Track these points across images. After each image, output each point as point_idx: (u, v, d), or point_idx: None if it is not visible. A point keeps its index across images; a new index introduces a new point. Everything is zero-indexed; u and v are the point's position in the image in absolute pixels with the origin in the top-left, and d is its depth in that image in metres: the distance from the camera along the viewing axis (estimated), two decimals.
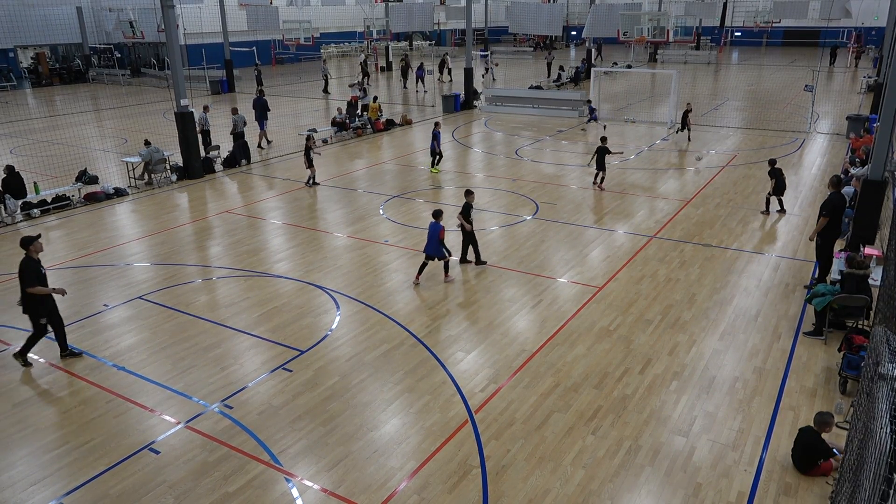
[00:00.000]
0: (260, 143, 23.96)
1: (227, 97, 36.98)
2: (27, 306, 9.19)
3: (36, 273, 9.10)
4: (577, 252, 13.37)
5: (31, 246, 9.19)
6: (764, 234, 14.19)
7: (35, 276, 9.05)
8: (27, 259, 9.13)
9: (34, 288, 9.00)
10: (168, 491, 6.99)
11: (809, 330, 9.97)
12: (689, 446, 7.52)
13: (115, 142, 25.23)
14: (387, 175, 19.74)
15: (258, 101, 23.82)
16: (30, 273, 9.02)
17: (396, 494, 6.89)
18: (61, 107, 34.78)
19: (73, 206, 17.13)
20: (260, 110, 23.74)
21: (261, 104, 23.76)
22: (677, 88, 26.36)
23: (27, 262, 9.09)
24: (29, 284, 9.00)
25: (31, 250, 9.19)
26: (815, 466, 7.01)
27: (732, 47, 65.01)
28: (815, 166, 19.73)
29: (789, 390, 8.58)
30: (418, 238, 14.28)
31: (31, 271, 9.05)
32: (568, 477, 7.09)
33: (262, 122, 23.90)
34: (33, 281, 9.02)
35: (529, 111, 30.18)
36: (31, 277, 9.01)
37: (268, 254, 13.64)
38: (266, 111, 23.86)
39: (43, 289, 9.10)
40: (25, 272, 9.01)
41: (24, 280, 9.00)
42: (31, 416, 8.32)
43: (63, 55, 48.02)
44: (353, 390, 8.75)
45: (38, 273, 9.15)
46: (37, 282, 9.06)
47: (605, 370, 9.10)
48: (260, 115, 23.76)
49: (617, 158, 20.49)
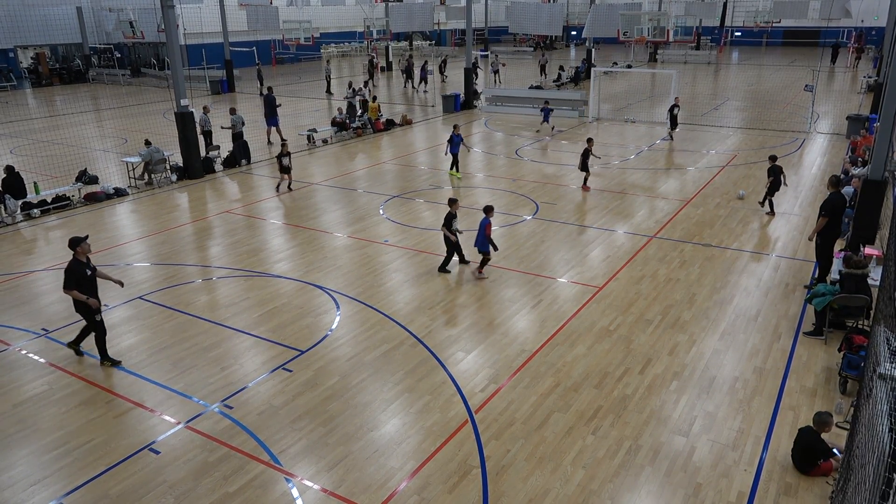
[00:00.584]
0: (269, 139, 24.41)
1: (227, 97, 36.98)
2: (76, 307, 9.19)
3: (78, 276, 8.96)
4: (578, 252, 13.37)
5: (78, 247, 9.07)
6: (764, 234, 14.19)
7: (74, 280, 8.91)
8: (73, 261, 9.01)
9: (71, 291, 8.95)
10: (168, 491, 6.99)
11: (809, 330, 9.98)
12: (689, 446, 7.52)
13: (115, 142, 25.23)
14: (387, 175, 19.74)
15: (266, 97, 24.13)
16: (70, 276, 8.92)
17: (396, 494, 6.89)
18: (61, 107, 34.79)
19: (74, 207, 17.14)
20: (268, 107, 24.01)
21: (269, 101, 24.01)
22: (677, 88, 26.36)
23: (72, 264, 8.98)
24: (67, 287, 8.94)
25: (78, 252, 9.07)
26: (815, 466, 7.01)
27: (732, 47, 65.01)
28: (815, 166, 19.73)
29: (789, 390, 8.58)
30: (418, 238, 14.28)
31: (73, 274, 8.93)
32: (568, 477, 7.09)
33: (271, 119, 24.15)
34: (71, 284, 8.91)
35: (529, 111, 30.18)
36: (70, 280, 8.91)
37: (268, 254, 13.64)
38: (274, 107, 24.12)
39: (79, 295, 8.97)
40: (67, 274, 8.95)
41: (65, 282, 8.96)
42: (32, 416, 8.32)
43: (63, 55, 48.04)
44: (354, 390, 8.75)
45: (81, 276, 9.00)
46: (75, 286, 8.90)
47: (606, 370, 9.10)
48: (269, 113, 24.03)
49: (617, 158, 20.51)
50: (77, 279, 8.96)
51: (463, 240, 12.50)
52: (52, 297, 11.73)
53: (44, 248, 14.35)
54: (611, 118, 28.66)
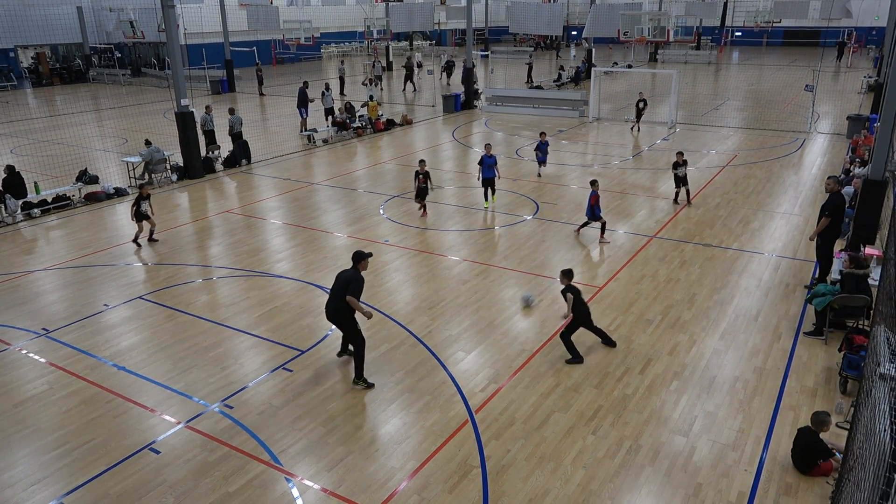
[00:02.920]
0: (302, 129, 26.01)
1: (227, 97, 36.99)
2: (344, 321, 8.77)
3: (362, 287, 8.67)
4: (578, 252, 13.37)
5: (361, 262, 8.74)
6: (764, 234, 14.19)
7: (360, 289, 8.61)
8: (355, 272, 8.67)
9: (354, 300, 8.49)
10: (168, 491, 6.99)
11: (810, 330, 9.97)
12: (689, 446, 7.52)
13: (115, 142, 25.23)
14: (387, 175, 19.73)
15: (300, 90, 26.29)
16: (360, 287, 8.60)
17: (397, 494, 6.89)
18: (62, 107, 34.80)
19: (74, 206, 17.14)
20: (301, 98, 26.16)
21: (300, 92, 26.18)
22: (678, 88, 26.36)
23: (361, 276, 8.68)
24: (355, 295, 8.50)
25: (361, 266, 8.73)
26: (815, 467, 7.01)
27: (733, 47, 64.99)
28: (815, 166, 19.73)
29: (790, 390, 8.58)
30: (418, 238, 14.28)
31: (361, 285, 8.63)
32: (568, 477, 7.09)
33: (301, 109, 26.32)
34: (359, 295, 8.58)
35: (530, 111, 30.18)
36: (360, 291, 8.59)
37: (268, 254, 13.64)
38: (306, 100, 26.10)
39: (361, 307, 8.56)
40: (358, 284, 8.59)
41: (355, 290, 8.50)
42: (31, 416, 8.32)
43: (63, 55, 48.04)
44: (354, 390, 8.75)
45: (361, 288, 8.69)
46: (360, 294, 8.61)
47: (606, 370, 9.10)
48: (300, 104, 26.24)
49: (617, 158, 20.56)
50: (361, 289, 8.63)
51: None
52: (52, 296, 11.74)
53: (44, 247, 14.35)
54: (611, 118, 28.65)
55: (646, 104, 25.26)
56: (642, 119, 25.55)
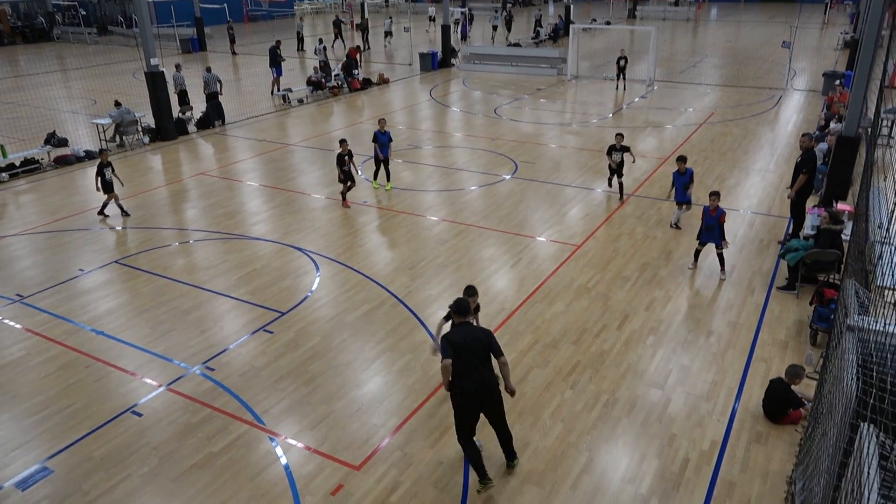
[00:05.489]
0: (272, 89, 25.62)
1: (198, 56, 36.02)
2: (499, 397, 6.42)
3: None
4: (556, 211, 13.42)
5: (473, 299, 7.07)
6: (740, 191, 14.34)
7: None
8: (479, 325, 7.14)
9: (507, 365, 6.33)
10: (152, 452, 7.03)
11: (782, 284, 10.19)
12: (664, 398, 7.72)
13: (83, 103, 24.55)
14: (365, 135, 19.49)
15: (271, 49, 25.73)
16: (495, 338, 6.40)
17: (379, 451, 7.00)
18: (25, 67, 33.65)
19: (43, 170, 16.74)
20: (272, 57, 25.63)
21: (271, 52, 25.61)
22: (656, 45, 26.20)
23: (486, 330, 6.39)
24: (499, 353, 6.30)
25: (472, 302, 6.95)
26: (785, 415, 7.24)
27: (711, 4, 64.52)
28: (790, 123, 19.87)
29: (762, 343, 8.80)
30: (396, 199, 14.21)
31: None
32: (547, 430, 7.25)
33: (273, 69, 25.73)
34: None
35: (508, 69, 29.86)
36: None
37: (245, 216, 13.50)
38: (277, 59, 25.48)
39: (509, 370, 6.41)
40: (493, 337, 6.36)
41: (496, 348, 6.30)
42: (10, 383, 8.26)
43: (25, 13, 46.24)
44: (335, 350, 8.80)
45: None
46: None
47: (584, 326, 9.24)
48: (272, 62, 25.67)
49: (595, 117, 20.51)
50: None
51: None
52: (25, 262, 11.54)
53: (14, 213, 14.05)
54: (590, 76, 28.46)
55: (626, 61, 25.18)
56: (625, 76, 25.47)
